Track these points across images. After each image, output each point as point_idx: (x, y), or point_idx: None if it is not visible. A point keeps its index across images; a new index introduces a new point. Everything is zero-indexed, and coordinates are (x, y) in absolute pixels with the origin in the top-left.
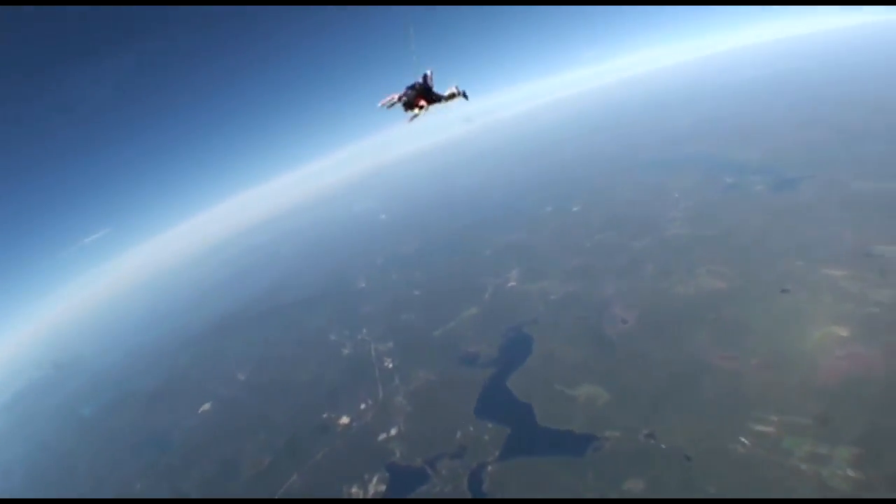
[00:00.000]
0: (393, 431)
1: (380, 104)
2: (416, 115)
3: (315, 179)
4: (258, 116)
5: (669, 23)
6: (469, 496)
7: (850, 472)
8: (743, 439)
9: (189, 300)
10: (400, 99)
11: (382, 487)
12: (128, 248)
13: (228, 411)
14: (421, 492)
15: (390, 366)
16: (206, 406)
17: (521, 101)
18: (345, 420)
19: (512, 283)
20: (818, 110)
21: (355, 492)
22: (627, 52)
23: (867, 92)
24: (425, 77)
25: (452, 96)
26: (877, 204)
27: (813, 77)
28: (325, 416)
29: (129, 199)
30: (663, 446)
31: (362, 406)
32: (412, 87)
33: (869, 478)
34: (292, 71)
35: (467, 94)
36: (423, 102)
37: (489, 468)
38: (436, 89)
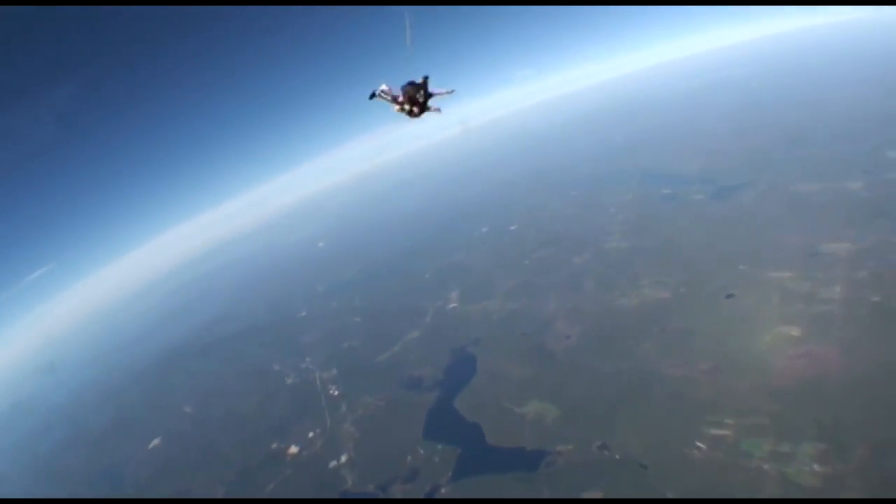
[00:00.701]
0: (343, 458)
1: (376, 92)
2: (410, 111)
3: (253, 209)
4: (197, 147)
5: (606, 37)
6: None
7: (817, 468)
8: (699, 444)
9: (135, 333)
10: (399, 99)
11: None
12: (72, 283)
13: (178, 445)
14: None
15: (336, 393)
16: (156, 441)
17: (452, 125)
18: (294, 449)
19: (453, 305)
20: (757, 117)
21: None
22: (562, 70)
23: (807, 96)
24: (425, 81)
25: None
26: (820, 204)
27: (752, 84)
28: (273, 446)
29: (71, 233)
30: (617, 457)
31: (310, 434)
32: (412, 84)
33: (837, 471)
34: (230, 98)
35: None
36: (415, 107)
37: (442, 490)
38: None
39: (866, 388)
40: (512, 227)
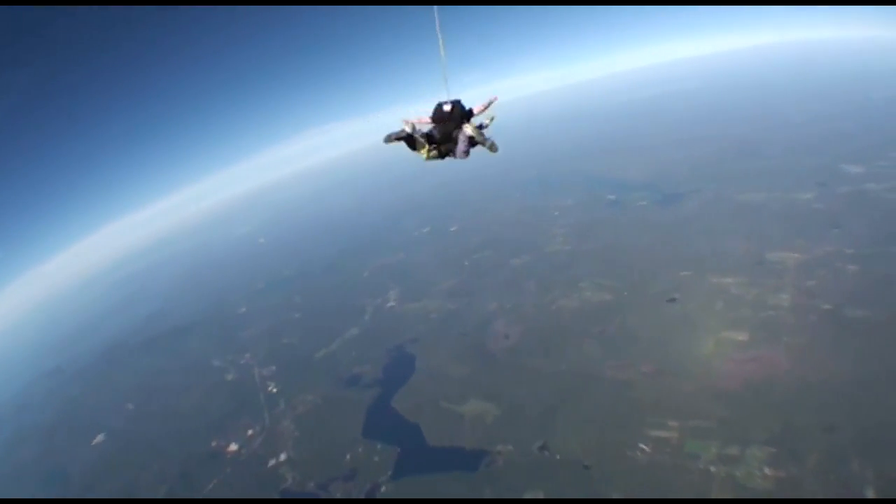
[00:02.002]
0: (282, 457)
1: (389, 137)
2: (432, 155)
3: (193, 204)
4: (140, 141)
5: (556, 45)
6: None
7: (768, 471)
8: (643, 446)
9: (77, 328)
10: (410, 134)
11: None
12: (13, 278)
13: (121, 442)
14: None
15: (274, 390)
16: (100, 437)
17: (397, 123)
18: (233, 447)
19: (392, 304)
20: (707, 128)
21: None
22: (509, 76)
23: (761, 111)
24: (455, 107)
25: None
26: (769, 214)
27: (704, 97)
28: (213, 444)
29: (10, 228)
30: (558, 457)
31: (249, 432)
32: (440, 112)
33: (791, 475)
34: (175, 93)
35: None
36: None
37: (382, 488)
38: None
39: (819, 395)
40: (453, 229)
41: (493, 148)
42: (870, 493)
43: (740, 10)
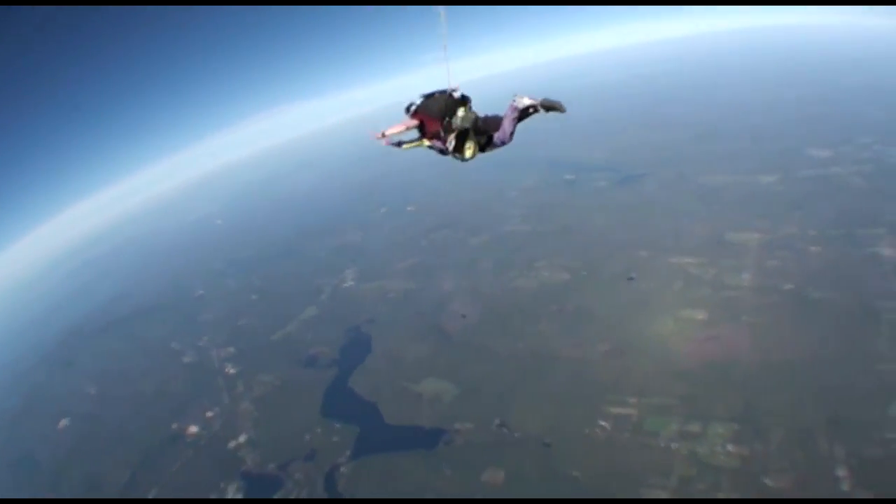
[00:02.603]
0: (242, 438)
1: (379, 136)
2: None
3: (151, 187)
4: (95, 123)
5: (518, 26)
6: (326, 496)
7: (731, 448)
8: (602, 423)
9: (39, 313)
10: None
11: (240, 496)
12: None
13: (85, 426)
14: (278, 497)
15: (233, 372)
16: (65, 422)
17: (358, 104)
18: (193, 429)
19: (349, 283)
20: (669, 112)
21: None
22: (472, 55)
23: (723, 95)
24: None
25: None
26: (729, 196)
27: (666, 81)
28: (174, 426)
29: None
30: (517, 435)
31: (209, 414)
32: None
33: (756, 452)
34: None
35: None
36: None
37: (342, 469)
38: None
39: (781, 373)
40: (410, 209)
41: (562, 107)
42: (842, 472)
43: None
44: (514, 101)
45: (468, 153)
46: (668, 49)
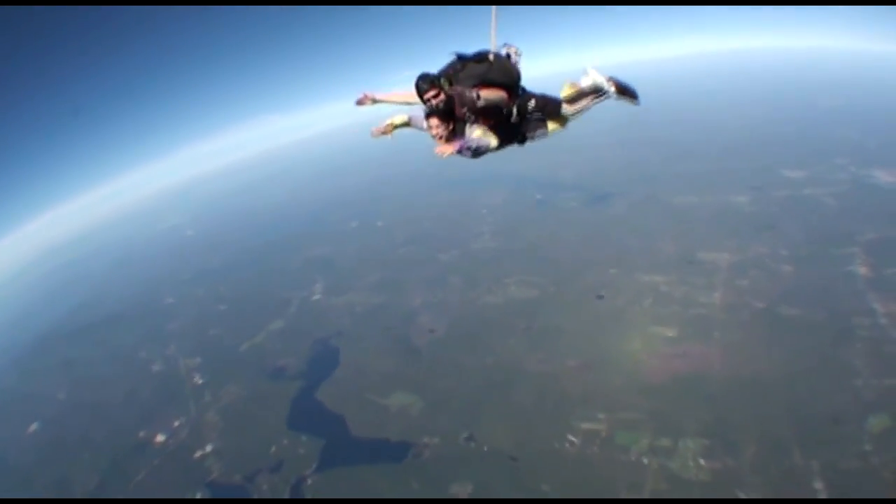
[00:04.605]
0: (209, 448)
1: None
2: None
3: (122, 196)
4: (60, 130)
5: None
6: None
7: (703, 462)
8: (571, 437)
9: (9, 317)
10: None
11: None
12: None
13: (54, 431)
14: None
15: (200, 381)
16: (34, 426)
17: (331, 117)
18: (160, 438)
19: (317, 297)
20: (640, 132)
21: None
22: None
23: (697, 116)
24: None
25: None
26: (699, 215)
27: (640, 99)
28: (141, 434)
29: None
30: (485, 448)
31: (176, 423)
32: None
33: (728, 466)
34: (110, 80)
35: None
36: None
37: (308, 480)
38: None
39: (753, 389)
40: (379, 223)
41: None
42: (818, 485)
43: (685, 15)
44: (591, 74)
45: (494, 140)
46: (640, 70)
